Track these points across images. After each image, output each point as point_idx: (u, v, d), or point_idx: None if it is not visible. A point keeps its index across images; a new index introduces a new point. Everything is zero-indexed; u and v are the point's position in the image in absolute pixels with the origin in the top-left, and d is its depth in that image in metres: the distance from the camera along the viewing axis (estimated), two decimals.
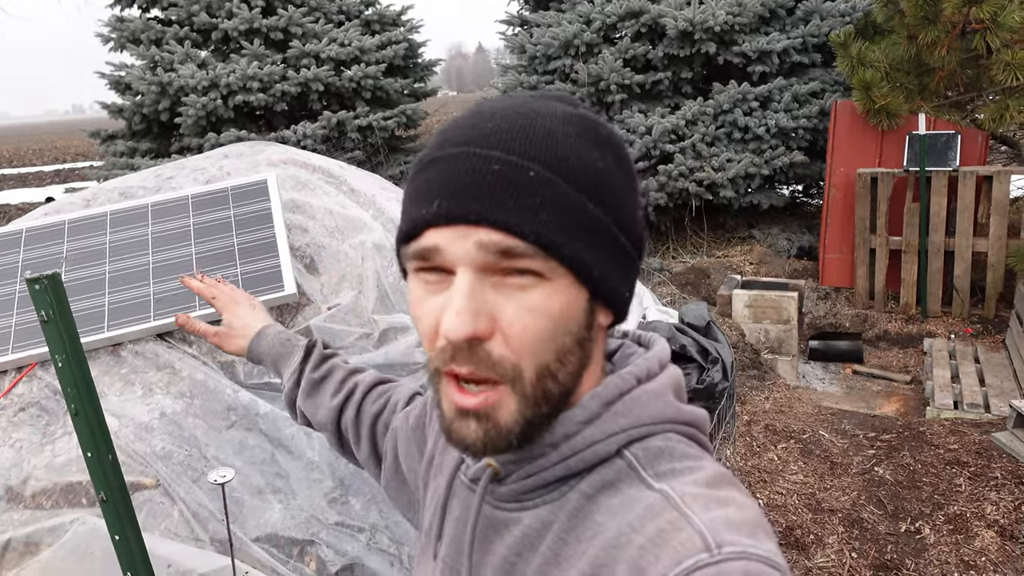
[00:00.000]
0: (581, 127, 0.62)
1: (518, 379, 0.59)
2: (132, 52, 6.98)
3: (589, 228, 0.60)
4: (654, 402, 0.65)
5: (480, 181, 0.58)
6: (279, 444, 1.79)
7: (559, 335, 0.60)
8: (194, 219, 2.06)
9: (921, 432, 3.64)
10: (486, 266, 0.58)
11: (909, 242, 5.26)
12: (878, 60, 5.16)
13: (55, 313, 1.10)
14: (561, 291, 0.59)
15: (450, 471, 0.75)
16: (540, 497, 0.65)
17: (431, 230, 0.59)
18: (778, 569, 0.52)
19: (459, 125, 0.62)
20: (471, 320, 0.57)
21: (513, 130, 0.59)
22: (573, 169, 0.59)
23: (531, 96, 0.64)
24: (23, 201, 15.28)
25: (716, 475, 0.61)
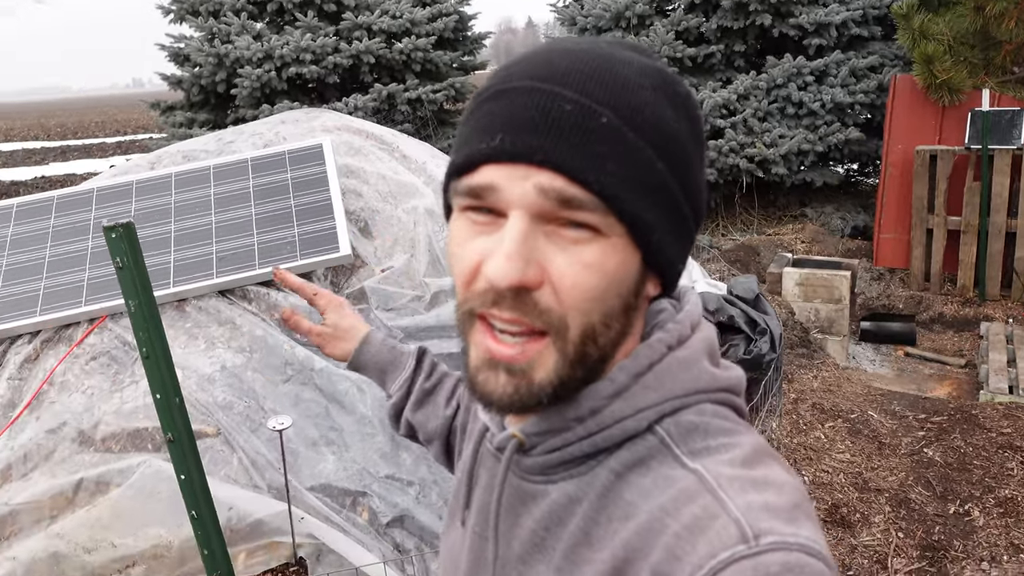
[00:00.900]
0: (658, 81, 0.58)
1: (562, 333, 0.56)
2: (191, 24, 7.12)
3: (654, 187, 0.56)
4: (686, 372, 0.60)
5: (548, 120, 0.54)
6: (333, 399, 1.85)
7: (609, 296, 0.56)
8: (253, 181, 2.12)
9: (973, 415, 3.56)
10: (542, 213, 0.54)
11: (969, 223, 5.09)
12: (941, 33, 4.97)
13: (129, 260, 1.16)
14: (617, 250, 0.56)
15: (476, 438, 0.72)
16: (567, 471, 0.61)
17: (488, 166, 0.55)
18: (818, 557, 0.50)
19: (529, 59, 0.58)
20: (521, 267, 0.53)
21: (588, 71, 0.55)
22: (646, 122, 0.56)
23: (607, 42, 0.60)
24: (87, 171, 15.82)
25: (753, 451, 0.57)
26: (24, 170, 17.59)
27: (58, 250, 2.11)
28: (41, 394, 1.89)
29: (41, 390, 1.89)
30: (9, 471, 1.75)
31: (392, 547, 1.70)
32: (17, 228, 2.21)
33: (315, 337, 1.16)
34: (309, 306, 1.19)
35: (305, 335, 1.17)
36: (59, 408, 1.82)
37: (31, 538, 1.61)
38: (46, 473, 1.69)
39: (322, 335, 1.14)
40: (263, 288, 2.00)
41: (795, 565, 0.48)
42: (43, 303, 2.01)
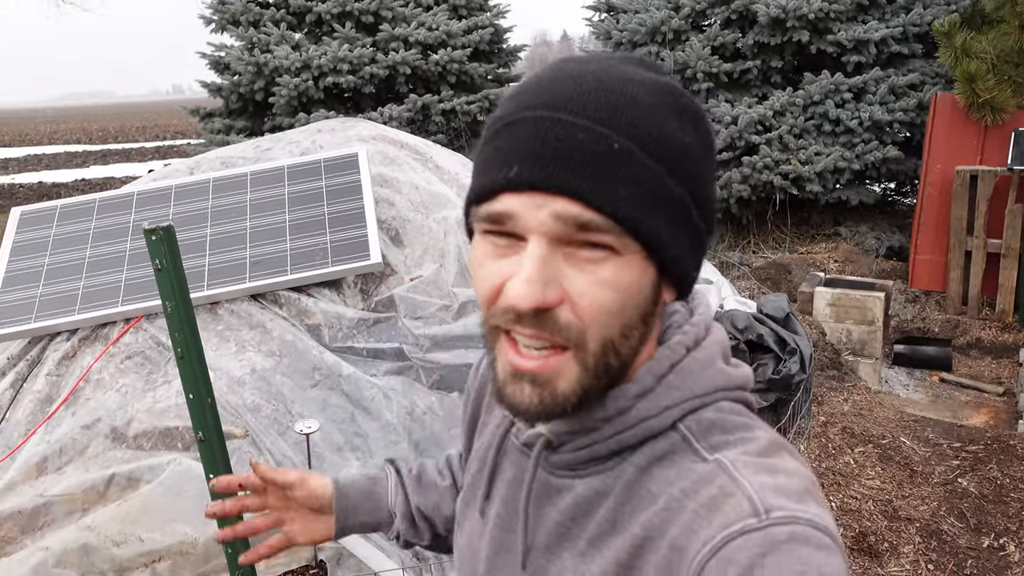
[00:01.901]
0: (668, 98, 0.60)
1: (582, 346, 0.58)
2: (232, 33, 7.28)
3: (667, 203, 0.59)
4: (705, 371, 0.64)
5: (562, 149, 0.56)
6: (359, 405, 1.87)
7: (627, 309, 0.59)
8: (289, 188, 2.16)
9: (1011, 446, 3.46)
10: (560, 237, 0.57)
11: (1009, 245, 4.98)
12: (984, 51, 4.89)
13: (168, 263, 1.19)
14: (633, 266, 0.58)
15: (499, 431, 0.74)
16: (594, 467, 0.65)
17: (506, 194, 0.57)
18: (824, 532, 0.53)
19: (541, 86, 0.59)
20: (541, 290, 0.56)
21: (597, 96, 0.57)
22: (657, 141, 0.58)
23: (617, 59, 0.62)
24: (126, 174, 16.20)
25: (768, 443, 0.61)
26: (65, 172, 18.08)
27: (98, 251, 2.17)
28: (77, 391, 1.94)
29: (77, 387, 1.94)
30: (45, 464, 1.80)
31: (411, 555, 1.72)
32: (60, 229, 2.28)
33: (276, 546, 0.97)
34: None
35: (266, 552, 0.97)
36: (94, 405, 1.86)
37: (63, 529, 1.65)
38: (80, 467, 1.73)
39: (286, 535, 0.96)
40: (294, 293, 2.03)
41: (801, 535, 0.52)
42: (82, 302, 2.07)
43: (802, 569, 0.50)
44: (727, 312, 2.85)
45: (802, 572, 0.50)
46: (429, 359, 1.97)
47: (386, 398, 1.87)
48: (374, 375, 1.93)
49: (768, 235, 6.75)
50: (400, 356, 1.98)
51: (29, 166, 20.17)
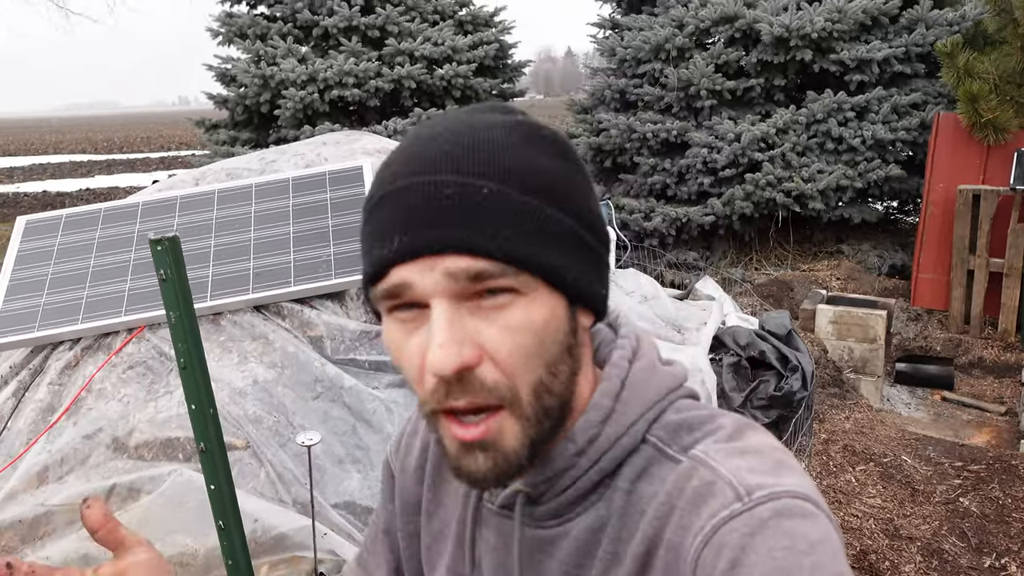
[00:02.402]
0: (523, 133, 0.60)
1: (516, 402, 0.58)
2: (238, 46, 7.34)
3: (553, 233, 0.59)
4: (652, 378, 0.66)
5: (435, 208, 0.56)
6: (360, 417, 1.87)
7: (547, 348, 0.58)
8: (293, 200, 2.17)
9: (1014, 466, 3.45)
10: (459, 293, 0.56)
11: (1012, 265, 4.98)
12: (987, 71, 4.92)
13: (173, 273, 1.19)
14: (540, 302, 0.58)
15: (469, 503, 0.72)
16: (581, 506, 0.64)
17: (396, 268, 0.57)
18: (805, 499, 0.55)
19: (403, 155, 0.60)
20: (456, 351, 0.55)
21: (457, 149, 0.58)
22: (525, 177, 0.58)
23: (465, 112, 0.63)
24: (130, 185, 16.27)
25: (735, 427, 0.63)
26: (70, 182, 18.17)
27: (102, 260, 2.18)
28: (79, 400, 1.94)
29: (79, 396, 1.94)
30: (46, 473, 1.80)
31: None
32: (64, 238, 2.29)
33: None
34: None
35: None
36: (96, 415, 1.87)
37: (64, 539, 1.64)
38: (81, 477, 1.73)
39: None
40: (297, 305, 2.04)
41: (784, 509, 0.54)
42: (85, 311, 2.07)
43: (789, 543, 0.53)
44: (729, 328, 2.86)
45: (790, 545, 0.53)
46: None
47: (388, 411, 1.87)
48: (376, 388, 1.93)
49: (770, 252, 6.76)
50: None
51: (34, 175, 20.27)
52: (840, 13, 6.05)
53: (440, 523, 0.77)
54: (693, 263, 6.67)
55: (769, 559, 0.52)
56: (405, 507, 0.81)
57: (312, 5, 7.18)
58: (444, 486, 0.77)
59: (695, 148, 6.48)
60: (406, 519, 0.81)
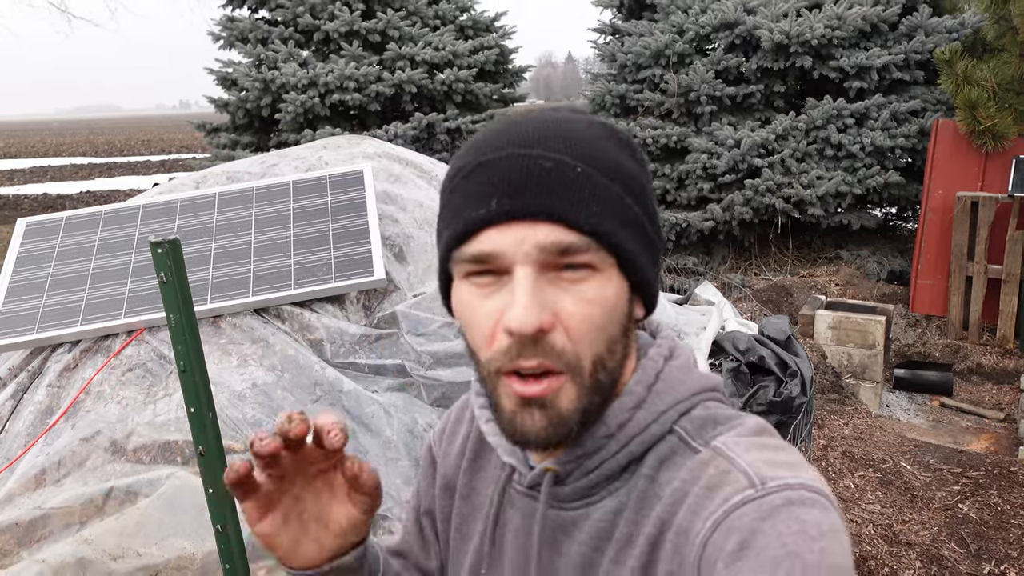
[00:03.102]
0: (607, 131, 0.66)
1: (578, 369, 0.62)
2: (240, 50, 7.35)
3: (629, 220, 0.63)
4: (686, 376, 0.69)
5: (534, 179, 0.60)
6: (360, 421, 1.87)
7: (611, 324, 0.63)
8: (294, 203, 2.17)
9: (1012, 472, 3.45)
10: (544, 263, 0.61)
11: (1010, 272, 4.99)
12: (986, 79, 4.93)
13: (173, 275, 1.19)
14: (612, 280, 0.63)
15: (498, 486, 0.75)
16: (605, 488, 0.67)
17: (489, 230, 0.61)
18: (819, 493, 0.56)
19: (496, 133, 0.64)
20: (537, 313, 0.59)
21: (554, 133, 0.63)
22: (610, 166, 0.63)
23: (550, 108, 0.68)
24: (131, 187, 16.28)
25: (758, 426, 0.65)
26: (71, 184, 18.18)
27: (102, 263, 2.18)
28: (78, 403, 1.94)
29: (78, 399, 1.94)
30: (43, 476, 1.80)
31: None
32: (65, 240, 2.29)
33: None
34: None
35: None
36: (94, 417, 1.87)
37: (60, 542, 1.64)
38: (78, 480, 1.73)
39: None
40: (297, 308, 2.04)
41: (796, 499, 0.56)
42: (85, 313, 2.07)
43: (799, 528, 0.54)
44: (728, 334, 2.86)
45: (800, 530, 0.54)
46: (431, 376, 1.97)
47: (387, 414, 1.87)
48: (375, 391, 1.93)
49: (770, 257, 6.77)
50: (402, 373, 1.98)
51: (35, 177, 20.28)
52: (840, 20, 6.06)
53: (471, 507, 0.81)
54: (693, 268, 6.67)
55: (778, 543, 0.53)
56: (445, 489, 0.85)
57: (313, 10, 7.20)
58: (480, 473, 0.81)
59: (695, 154, 6.49)
60: (444, 502, 0.85)
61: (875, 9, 6.15)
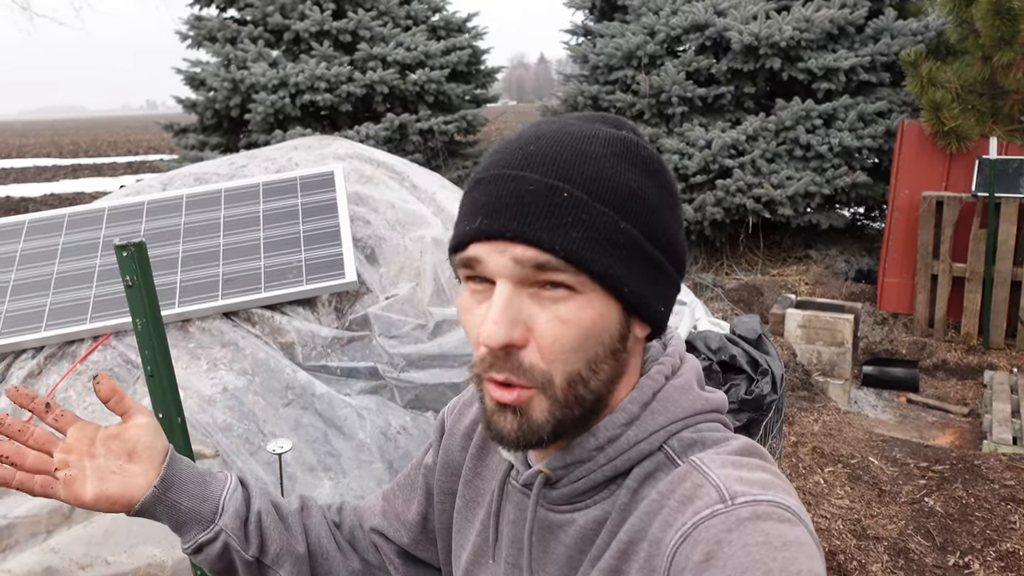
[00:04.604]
0: (619, 148, 0.66)
1: (548, 385, 0.64)
2: (208, 50, 7.26)
3: (621, 244, 0.63)
4: (684, 397, 0.70)
5: (517, 201, 0.62)
6: (332, 424, 1.85)
7: (589, 345, 0.64)
8: (264, 205, 2.15)
9: (976, 465, 3.53)
10: (522, 278, 0.63)
11: (974, 270, 5.10)
12: (949, 81, 5.04)
13: (139, 279, 1.17)
14: (593, 303, 0.63)
15: (499, 476, 0.79)
16: (591, 498, 0.70)
17: (475, 244, 0.64)
18: (786, 509, 0.58)
19: (506, 148, 0.67)
20: (506, 329, 0.62)
21: (551, 153, 0.64)
22: (606, 188, 0.63)
23: (578, 117, 0.69)
24: (96, 190, 15.97)
25: (741, 448, 0.67)
26: (34, 186, 17.78)
27: (66, 267, 2.14)
28: None
29: None
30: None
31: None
32: (27, 244, 2.24)
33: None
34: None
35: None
36: None
37: (26, 552, 1.60)
38: None
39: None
40: (267, 311, 2.02)
41: (763, 513, 0.58)
42: (48, 319, 2.03)
43: (764, 539, 0.55)
44: (700, 333, 2.88)
45: (765, 541, 0.55)
46: (404, 378, 1.97)
47: (360, 417, 1.86)
48: (348, 394, 1.92)
49: (741, 257, 6.85)
50: (374, 375, 1.97)
51: None
52: (808, 22, 6.16)
53: (474, 492, 0.84)
54: None
55: (743, 553, 0.55)
56: (446, 466, 0.88)
57: (283, 9, 7.13)
58: (486, 459, 0.84)
59: (666, 154, 6.54)
60: (445, 476, 0.88)
61: (842, 12, 6.25)
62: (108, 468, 0.78)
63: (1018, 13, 4.56)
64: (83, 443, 0.79)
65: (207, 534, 0.82)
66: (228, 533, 0.83)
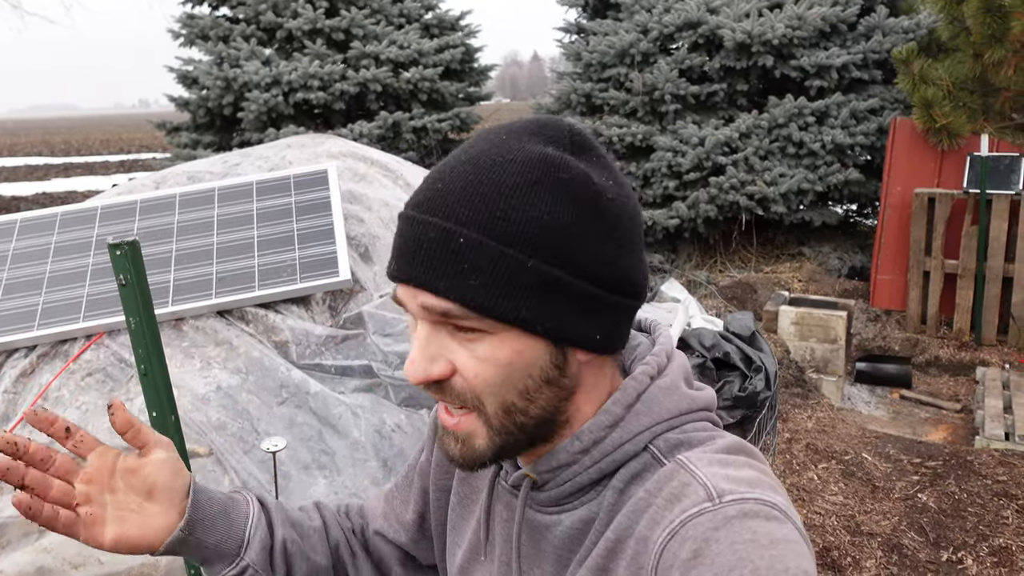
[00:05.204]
0: (537, 174, 0.60)
1: (482, 409, 0.64)
2: (200, 48, 7.23)
3: (528, 285, 0.60)
4: (670, 397, 0.69)
5: (417, 248, 0.62)
6: (326, 422, 1.85)
7: (514, 380, 0.63)
8: (257, 204, 2.14)
9: (969, 461, 3.55)
10: (437, 321, 0.63)
11: (966, 266, 5.13)
12: (941, 78, 5.06)
13: (133, 278, 1.17)
14: (508, 342, 0.62)
15: (488, 477, 0.79)
16: (577, 499, 0.70)
17: (396, 284, 0.65)
18: (773, 507, 0.58)
19: (425, 179, 0.66)
20: (424, 367, 0.63)
21: (456, 190, 0.61)
22: (511, 226, 0.59)
23: (509, 132, 0.64)
24: (88, 188, 15.90)
25: (728, 446, 0.67)
26: (26, 185, 17.69)
27: (59, 266, 2.13)
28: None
29: (35, 405, 1.89)
30: (0, 484, 1.75)
31: None
32: (19, 243, 2.23)
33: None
34: None
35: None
36: None
37: (18, 552, 1.60)
38: None
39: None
40: (261, 310, 2.01)
41: (751, 511, 0.57)
42: (41, 318, 2.02)
43: (751, 536, 0.55)
44: (695, 330, 2.89)
45: (751, 539, 0.55)
46: (398, 377, 1.97)
47: (354, 416, 1.86)
48: (342, 392, 1.92)
49: (734, 254, 6.86)
50: (369, 373, 1.97)
51: None
52: (800, 20, 6.17)
53: (468, 489, 0.85)
54: (659, 266, 6.74)
55: (730, 550, 0.55)
56: (440, 463, 0.89)
57: (276, 7, 7.10)
58: None
59: (660, 152, 6.55)
60: (439, 474, 0.89)
61: (834, 9, 6.27)
62: (128, 505, 0.75)
63: (1008, 11, 4.59)
64: (103, 473, 0.74)
65: (233, 569, 0.81)
66: (254, 568, 0.82)
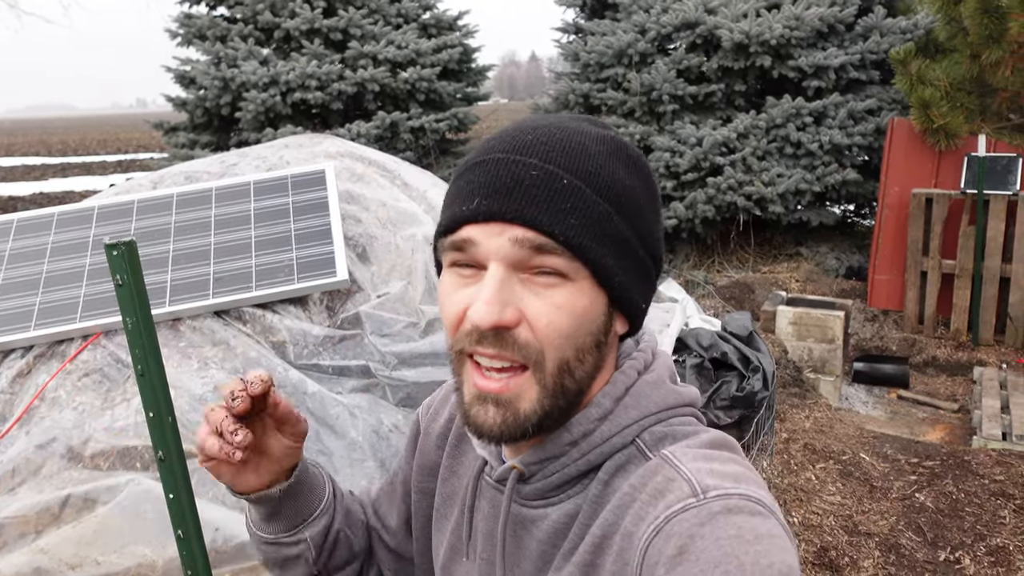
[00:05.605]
0: (612, 147, 0.67)
1: (540, 365, 0.64)
2: (198, 48, 7.22)
3: (613, 237, 0.65)
4: (656, 391, 0.71)
5: (518, 184, 0.63)
6: (324, 423, 1.85)
7: (581, 333, 0.64)
8: (255, 204, 2.14)
9: (966, 461, 3.55)
10: (517, 262, 0.63)
11: (963, 266, 5.13)
12: (938, 79, 5.07)
13: (129, 278, 1.17)
14: (585, 292, 0.64)
15: (472, 474, 0.79)
16: (564, 492, 0.70)
17: (469, 225, 0.64)
18: (757, 503, 0.59)
19: (503, 135, 0.67)
20: (499, 309, 0.62)
21: (551, 143, 0.65)
22: (602, 182, 0.64)
23: (569, 117, 0.70)
24: (86, 188, 15.87)
25: (710, 441, 0.68)
26: (23, 185, 17.65)
27: (56, 266, 2.13)
28: (32, 409, 1.89)
29: (32, 405, 1.89)
30: None
31: None
32: (16, 243, 2.23)
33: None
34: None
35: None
36: (49, 424, 1.82)
37: (15, 552, 1.60)
38: (33, 488, 1.69)
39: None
40: (259, 310, 2.01)
41: (735, 507, 0.58)
42: (38, 318, 2.02)
43: (736, 532, 0.56)
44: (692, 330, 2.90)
45: (736, 535, 0.56)
46: (395, 376, 1.97)
47: (352, 416, 1.86)
48: (339, 393, 1.92)
49: (732, 255, 6.87)
50: (366, 373, 1.97)
51: None
52: (798, 20, 6.18)
53: (451, 489, 0.85)
54: None
55: (715, 546, 0.55)
56: (423, 467, 0.88)
57: (273, 7, 7.10)
58: (461, 458, 0.85)
59: (658, 152, 6.55)
60: (421, 477, 0.88)
61: (832, 10, 6.27)
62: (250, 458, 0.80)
63: (1006, 11, 4.59)
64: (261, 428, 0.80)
65: (290, 537, 0.86)
66: (309, 544, 0.86)
